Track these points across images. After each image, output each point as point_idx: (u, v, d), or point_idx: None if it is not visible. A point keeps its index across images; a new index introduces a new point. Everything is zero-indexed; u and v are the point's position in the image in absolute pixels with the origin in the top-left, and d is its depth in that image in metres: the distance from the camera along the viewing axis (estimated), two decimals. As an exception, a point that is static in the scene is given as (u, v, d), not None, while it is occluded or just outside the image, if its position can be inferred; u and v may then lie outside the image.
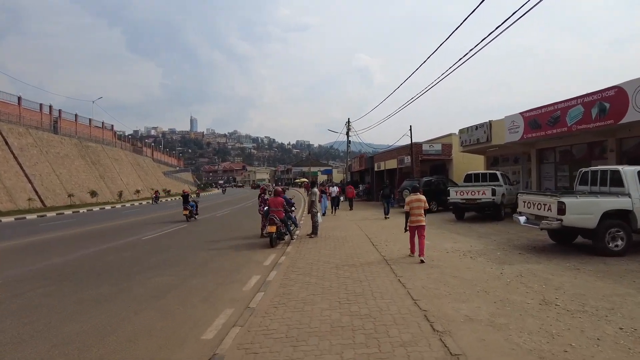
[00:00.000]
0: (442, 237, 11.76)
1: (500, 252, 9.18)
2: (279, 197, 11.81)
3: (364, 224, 15.97)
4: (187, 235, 14.69)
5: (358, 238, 12.01)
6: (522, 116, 17.37)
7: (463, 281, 6.66)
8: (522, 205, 9.75)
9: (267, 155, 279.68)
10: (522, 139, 17.34)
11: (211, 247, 11.75)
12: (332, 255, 9.45)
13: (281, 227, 11.68)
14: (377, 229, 14.07)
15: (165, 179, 74.43)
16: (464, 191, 15.06)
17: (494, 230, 12.73)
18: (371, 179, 38.21)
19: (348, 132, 36.60)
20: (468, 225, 14.21)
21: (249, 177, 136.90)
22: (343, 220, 16.97)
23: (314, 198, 12.60)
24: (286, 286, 6.76)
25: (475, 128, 21.28)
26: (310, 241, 11.74)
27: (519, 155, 21.27)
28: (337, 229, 14.33)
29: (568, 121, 14.62)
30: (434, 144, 26.56)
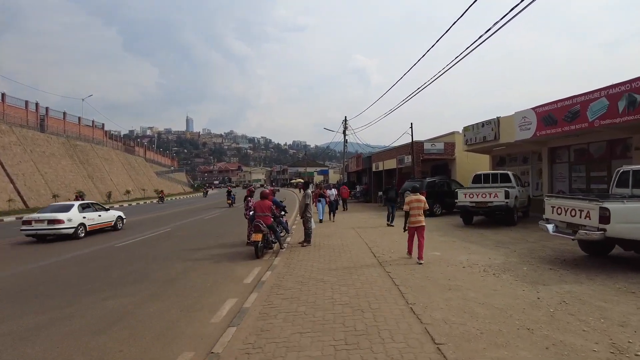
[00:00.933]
0: (453, 246, 10.28)
1: (527, 266, 7.71)
2: (266, 201, 10.32)
3: (363, 229, 14.48)
4: (167, 241, 13.16)
5: (357, 247, 10.52)
6: (534, 112, 15.94)
7: (494, 311, 5.19)
8: (551, 211, 8.28)
9: (264, 156, 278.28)
10: (535, 136, 15.91)
11: (189, 256, 10.25)
12: (326, 269, 7.96)
13: (269, 234, 10.19)
14: (378, 235, 12.58)
15: (157, 179, 72.69)
16: (473, 193, 13.61)
17: (510, 238, 11.28)
18: (369, 180, 36.73)
19: (345, 130, 35.15)
20: (479, 232, 12.75)
21: (245, 178, 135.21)
22: (339, 226, 15.48)
23: (308, 201, 11.09)
24: (267, 317, 5.26)
25: (481, 125, 19.84)
26: (302, 251, 10.24)
27: (528, 154, 19.85)
28: (333, 236, 12.84)
29: (589, 116, 13.20)
30: (436, 143, 25.13)
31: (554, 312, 5.08)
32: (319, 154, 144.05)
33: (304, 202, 11.06)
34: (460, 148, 23.95)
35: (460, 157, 24.86)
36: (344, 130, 35.02)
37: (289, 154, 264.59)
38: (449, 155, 25.07)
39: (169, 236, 14.54)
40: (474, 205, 13.69)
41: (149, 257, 10.34)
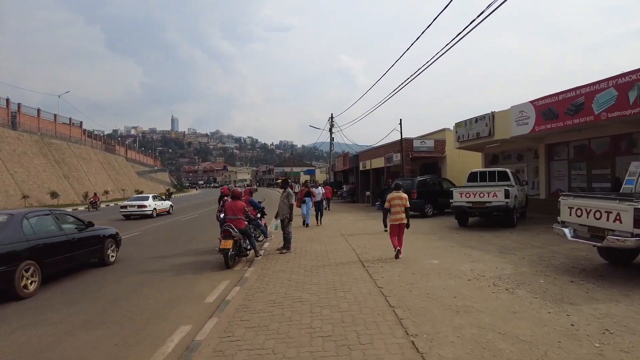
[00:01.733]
0: (453, 252, 9.07)
1: (543, 278, 6.52)
2: (239, 201, 8.97)
3: (352, 236, 13.23)
4: (130, 247, 11.73)
5: (343, 255, 9.23)
6: (533, 105, 14.88)
7: (521, 346, 3.94)
8: (568, 213, 7.10)
9: (250, 156, 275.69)
10: (533, 131, 14.85)
11: (149, 266, 8.87)
12: (306, 283, 6.67)
13: (242, 240, 8.86)
14: (368, 241, 11.33)
15: (138, 180, 70.49)
16: (470, 193, 12.43)
17: (513, 242, 10.12)
18: (356, 179, 35.56)
19: (331, 128, 33.91)
20: (478, 235, 11.59)
21: (230, 178, 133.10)
22: (325, 229, 14.18)
23: (292, 201, 9.75)
24: (222, 357, 3.94)
25: (475, 121, 18.75)
26: (281, 259, 8.91)
27: (523, 151, 18.85)
28: (316, 240, 11.55)
29: (595, 108, 12.15)
30: (426, 140, 24.02)
31: (600, 348, 3.85)
32: (306, 153, 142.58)
33: (289, 202, 9.71)
34: (451, 145, 22.87)
35: (451, 155, 23.80)
36: (330, 127, 33.79)
37: (275, 154, 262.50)
38: (440, 153, 24.00)
39: (134, 242, 13.09)
40: (471, 205, 12.52)
41: (100, 268, 8.91)
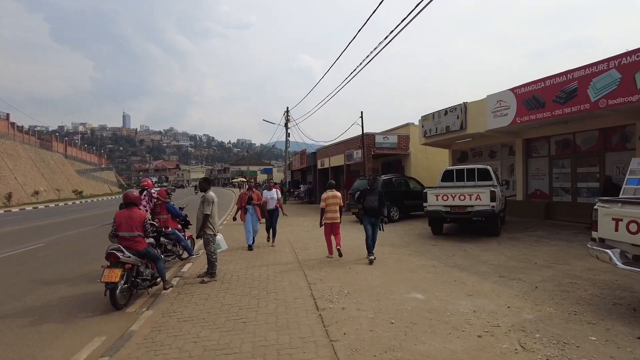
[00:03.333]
0: (438, 277, 6.73)
1: (591, 330, 4.26)
2: (136, 210, 6.18)
3: (305, 243, 10.72)
4: (18, 267, 8.57)
5: (290, 284, 6.64)
6: (513, 93, 12.95)
7: None
8: (614, 227, 4.88)
9: (206, 154, 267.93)
10: (514, 123, 12.92)
11: (9, 302, 5.93)
12: (226, 348, 4.06)
13: (142, 266, 6.11)
14: (326, 259, 8.85)
15: (79, 179, 64.70)
16: (448, 195, 10.21)
17: (508, 258, 7.96)
18: (314, 178, 33.13)
19: (287, 123, 31.22)
20: (459, 246, 9.39)
21: (183, 176, 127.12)
22: (276, 247, 11.55)
23: (208, 210, 7.01)
24: None
25: (444, 113, 16.75)
26: (197, 294, 6.21)
27: (496, 147, 17.05)
28: (256, 258, 8.92)
29: (592, 95, 10.27)
30: (389, 136, 21.91)
31: None
32: (264, 152, 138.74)
33: (203, 211, 6.98)
34: (416, 142, 20.87)
35: (415, 152, 21.81)
36: (285, 122, 31.11)
37: (233, 152, 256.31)
38: (403, 150, 21.94)
39: (28, 257, 9.91)
40: (449, 210, 10.31)
41: None
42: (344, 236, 11.58)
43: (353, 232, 12.72)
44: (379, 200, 8.22)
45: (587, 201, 12.79)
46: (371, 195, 8.25)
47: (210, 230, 6.98)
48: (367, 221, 8.17)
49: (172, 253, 8.47)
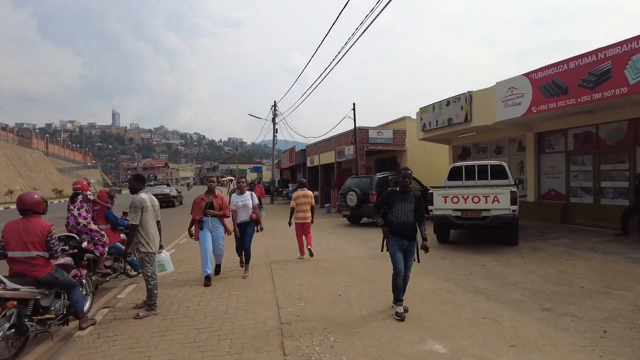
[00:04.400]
0: (456, 309, 4.95)
1: None
2: (35, 220, 4.31)
3: (282, 255, 8.91)
4: None
5: (254, 334, 4.78)
6: (528, 79, 11.25)
7: None
8: None
9: (196, 153, 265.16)
10: (529, 113, 11.22)
11: None
12: None
13: (40, 300, 4.26)
14: (309, 279, 7.05)
15: (60, 177, 62.10)
16: (459, 196, 8.43)
17: (542, 279, 6.20)
18: (303, 177, 31.28)
19: (274, 118, 29.34)
20: (475, 260, 7.63)
21: (172, 175, 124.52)
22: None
23: (135, 218, 5.06)
24: None
25: (446, 104, 15.01)
26: (122, 338, 4.34)
27: (503, 142, 15.36)
28: (218, 282, 7.07)
29: (631, 76, 8.57)
30: (383, 130, 20.14)
31: None
32: (255, 151, 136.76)
33: (135, 221, 5.11)
34: (412, 137, 19.13)
35: (412, 148, 20.05)
36: (273, 117, 29.22)
37: (223, 150, 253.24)
38: (399, 146, 20.17)
39: None
40: (460, 214, 8.53)
41: None
42: (335, 244, 9.80)
43: (346, 238, 10.91)
44: (416, 211, 4.91)
45: (613, 203, 11.14)
46: (402, 203, 4.89)
47: (145, 247, 5.11)
48: (396, 246, 4.89)
49: (114, 271, 6.62)
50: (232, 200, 7.00)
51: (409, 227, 4.83)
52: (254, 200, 7.06)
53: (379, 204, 5.11)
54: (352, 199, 13.45)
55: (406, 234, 4.84)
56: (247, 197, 7.00)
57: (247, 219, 6.94)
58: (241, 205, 6.90)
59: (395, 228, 4.86)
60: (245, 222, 6.96)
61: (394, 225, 4.86)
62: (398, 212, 4.85)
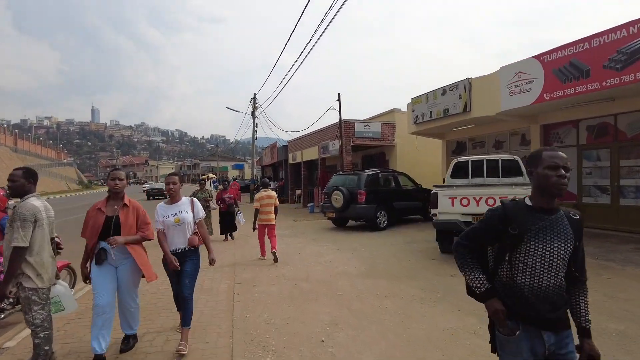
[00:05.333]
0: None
1: None
2: None
3: (256, 276, 7.26)
4: None
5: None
6: (540, 61, 9.78)
7: None
8: None
9: (178, 150, 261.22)
10: (541, 100, 9.76)
11: None
12: None
13: None
14: (289, 312, 5.39)
15: (29, 175, 58.80)
16: (470, 198, 6.88)
17: (594, 309, 4.63)
18: (285, 174, 29.58)
19: (254, 112, 27.51)
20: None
21: (152, 173, 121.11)
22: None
23: (19, 239, 3.28)
24: None
25: (441, 93, 13.50)
26: None
27: (503, 136, 13.92)
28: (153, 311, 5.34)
29: (672, 52, 7.14)
30: (371, 124, 18.57)
31: None
32: (239, 148, 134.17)
33: (10, 239, 3.36)
34: (403, 130, 17.61)
35: (401, 143, 18.53)
36: (252, 111, 27.40)
37: (206, 148, 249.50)
38: (388, 141, 18.63)
39: None
40: (471, 220, 6.97)
41: None
42: (317, 255, 8.16)
43: (330, 246, 9.27)
44: (574, 258, 1.98)
45: (635, 204, 9.77)
46: (547, 237, 1.90)
47: (33, 281, 3.37)
48: (525, 349, 1.90)
49: (13, 305, 4.87)
50: (158, 212, 3.98)
51: (558, 298, 1.95)
52: (197, 213, 4.10)
53: (475, 237, 2.10)
54: (337, 200, 11.81)
55: (551, 317, 1.92)
56: (184, 207, 4.03)
57: (184, 246, 3.96)
58: (172, 223, 3.92)
59: (525, 304, 1.93)
60: (182, 251, 3.96)
61: (523, 299, 1.93)
62: (535, 264, 1.91)
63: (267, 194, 8.09)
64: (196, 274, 4.09)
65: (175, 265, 3.84)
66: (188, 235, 3.98)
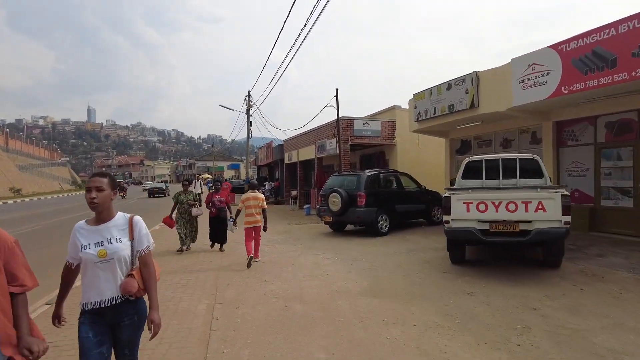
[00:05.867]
0: None
1: None
2: None
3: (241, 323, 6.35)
4: None
5: None
6: (557, 52, 8.93)
7: None
8: None
9: (175, 150, 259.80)
10: (558, 94, 8.89)
11: None
12: None
13: None
14: None
15: (20, 175, 57.81)
16: (488, 202, 5.98)
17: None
18: (281, 174, 28.67)
19: (248, 110, 26.59)
20: (517, 298, 5.19)
21: (147, 173, 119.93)
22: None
23: None
24: None
25: (446, 87, 12.62)
26: None
27: (512, 134, 13.05)
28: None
29: None
30: (370, 122, 17.67)
31: None
32: (236, 148, 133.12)
33: None
34: (404, 129, 16.73)
35: (402, 142, 17.65)
36: (247, 109, 26.48)
37: (202, 148, 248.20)
38: (388, 140, 17.73)
39: None
40: (488, 228, 6.07)
41: None
42: (313, 266, 7.20)
43: (327, 255, 8.35)
44: None
45: (662, 207, 8.91)
46: None
47: None
48: None
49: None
50: (73, 237, 2.41)
51: None
52: (140, 241, 2.50)
53: None
54: (335, 202, 10.89)
55: None
56: (116, 231, 2.45)
57: (116, 296, 2.39)
58: (93, 258, 2.35)
59: None
60: (113, 305, 2.40)
61: None
62: None
63: (253, 195, 7.94)
64: (138, 339, 2.57)
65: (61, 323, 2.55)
66: (120, 279, 2.41)
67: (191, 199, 9.33)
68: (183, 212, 9.21)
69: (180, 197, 9.23)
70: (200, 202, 9.93)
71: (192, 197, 9.39)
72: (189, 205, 9.22)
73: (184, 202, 9.21)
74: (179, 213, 9.22)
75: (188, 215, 9.21)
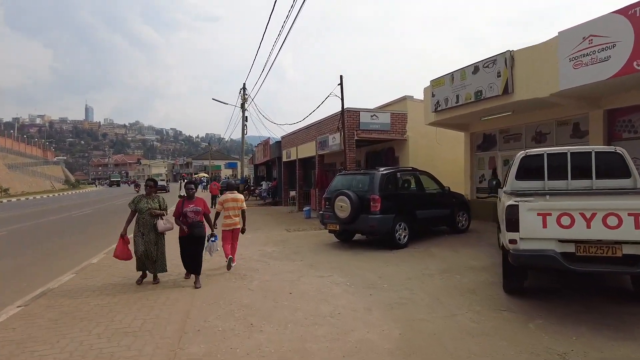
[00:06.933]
0: None
1: None
2: None
3: None
4: None
5: None
6: (627, 17, 7.05)
7: None
8: None
9: (172, 149, 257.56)
10: (630, 71, 7.04)
11: None
12: None
13: None
14: None
15: (9, 174, 55.73)
16: (573, 214, 4.07)
17: None
18: (278, 173, 26.75)
19: (243, 104, 24.66)
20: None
21: (144, 172, 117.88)
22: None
23: None
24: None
25: (472, 71, 10.70)
26: None
27: (548, 126, 11.17)
28: None
29: None
30: (378, 114, 15.73)
31: None
32: (234, 147, 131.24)
33: None
34: (417, 121, 14.81)
35: (414, 137, 15.66)
36: (242, 103, 24.55)
37: (200, 147, 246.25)
38: (399, 134, 15.76)
39: None
40: (575, 251, 4.18)
41: None
42: (318, 297, 5.19)
43: (335, 278, 6.43)
44: None
45: None
46: None
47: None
48: None
49: None
50: None
51: None
52: None
53: None
54: (343, 208, 8.93)
55: None
56: None
57: None
58: None
59: None
60: None
61: None
62: None
63: (232, 196, 7.66)
64: None
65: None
66: None
67: (156, 207, 6.52)
68: (143, 225, 6.41)
69: (140, 203, 6.47)
70: (167, 210, 6.86)
71: (158, 205, 6.59)
72: (152, 216, 6.46)
73: (145, 211, 6.43)
74: (138, 227, 6.43)
75: (151, 231, 6.42)
